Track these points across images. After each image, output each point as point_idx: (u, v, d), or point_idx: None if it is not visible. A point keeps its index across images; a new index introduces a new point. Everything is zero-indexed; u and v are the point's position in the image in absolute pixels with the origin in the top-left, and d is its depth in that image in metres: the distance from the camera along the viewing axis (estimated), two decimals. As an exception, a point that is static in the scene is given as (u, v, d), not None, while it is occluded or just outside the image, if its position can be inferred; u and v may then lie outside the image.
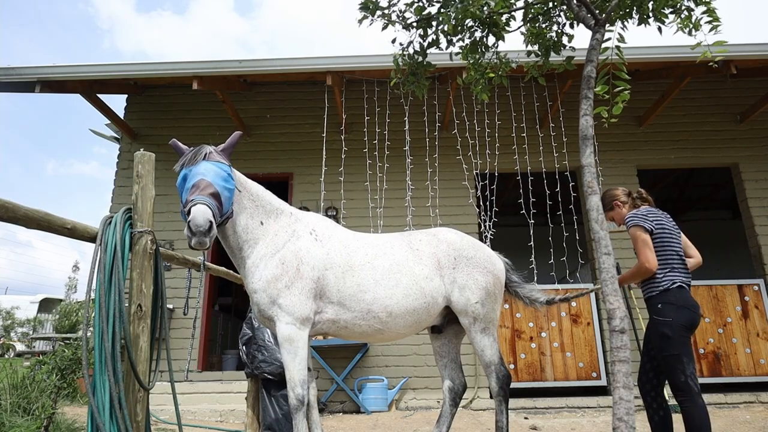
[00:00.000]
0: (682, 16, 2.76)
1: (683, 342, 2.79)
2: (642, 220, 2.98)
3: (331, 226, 3.11)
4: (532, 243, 5.93)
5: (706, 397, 5.72)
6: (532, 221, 6.14)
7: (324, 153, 6.44)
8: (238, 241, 2.84)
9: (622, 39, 2.84)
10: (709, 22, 2.66)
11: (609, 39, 2.82)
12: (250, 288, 2.82)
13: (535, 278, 6.31)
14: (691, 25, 2.70)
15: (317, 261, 2.85)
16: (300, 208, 3.42)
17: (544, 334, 6.31)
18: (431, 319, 3.11)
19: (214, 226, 2.39)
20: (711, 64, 2.98)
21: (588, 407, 5.86)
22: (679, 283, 2.89)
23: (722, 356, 6.16)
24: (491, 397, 6.11)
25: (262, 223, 2.88)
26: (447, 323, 3.29)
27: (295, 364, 2.71)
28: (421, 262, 3.04)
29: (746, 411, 5.43)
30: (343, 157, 6.55)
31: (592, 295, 6.46)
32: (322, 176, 6.37)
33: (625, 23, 2.93)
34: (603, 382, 6.12)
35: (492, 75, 3.39)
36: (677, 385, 2.76)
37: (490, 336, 3.10)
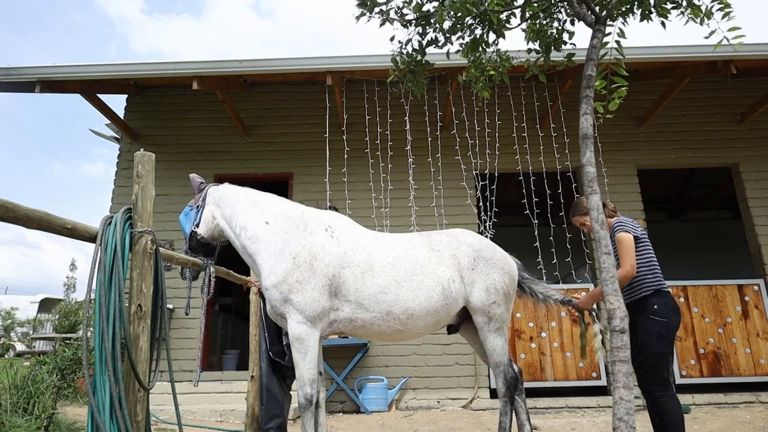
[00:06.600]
0: (685, 8, 2.71)
1: (671, 341, 2.98)
2: (630, 227, 3.11)
3: (348, 224, 3.09)
4: (537, 244, 5.91)
5: (707, 397, 5.78)
6: (536, 221, 6.13)
7: (327, 153, 6.44)
8: (244, 242, 2.88)
9: (622, 34, 2.79)
10: (721, 9, 2.61)
11: (609, 33, 2.79)
12: (263, 285, 2.85)
13: (544, 278, 6.31)
14: (702, 14, 2.64)
15: (332, 258, 2.83)
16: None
17: (544, 334, 6.30)
18: (449, 318, 3.15)
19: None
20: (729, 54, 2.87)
21: (588, 407, 5.85)
22: (666, 287, 3.07)
23: (722, 356, 6.16)
24: (491, 397, 6.13)
25: (267, 223, 2.91)
26: (461, 322, 3.32)
27: (305, 363, 2.70)
28: (443, 264, 3.04)
29: (746, 411, 5.43)
30: (345, 157, 6.53)
31: (592, 295, 6.44)
32: (327, 176, 6.36)
33: (627, 19, 2.89)
34: (603, 382, 6.12)
35: (492, 73, 3.38)
36: (660, 380, 2.90)
37: (501, 336, 3.12)
